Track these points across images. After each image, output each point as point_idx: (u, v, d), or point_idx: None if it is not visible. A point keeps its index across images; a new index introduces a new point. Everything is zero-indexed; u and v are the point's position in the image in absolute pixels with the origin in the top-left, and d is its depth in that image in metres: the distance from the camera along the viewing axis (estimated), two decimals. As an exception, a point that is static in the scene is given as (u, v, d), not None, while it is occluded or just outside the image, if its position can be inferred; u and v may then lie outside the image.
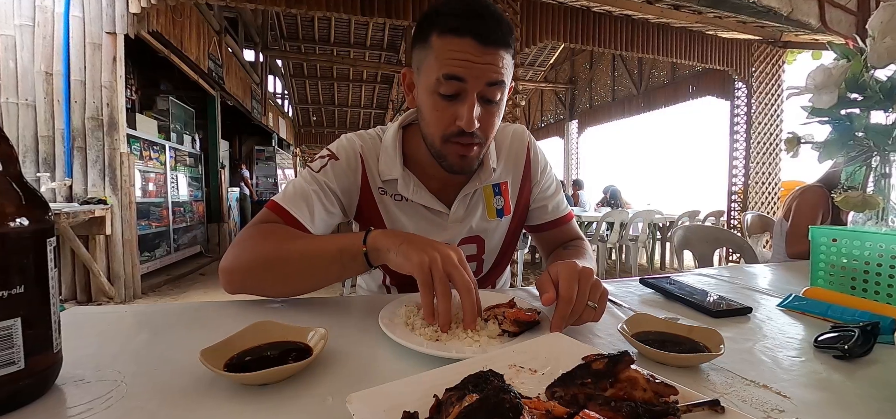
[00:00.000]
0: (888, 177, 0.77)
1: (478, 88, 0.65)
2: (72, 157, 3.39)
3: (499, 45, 0.65)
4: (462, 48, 0.63)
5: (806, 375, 0.46)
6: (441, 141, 0.70)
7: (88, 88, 3.40)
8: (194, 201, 5.73)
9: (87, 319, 0.60)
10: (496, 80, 0.65)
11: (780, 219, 2.08)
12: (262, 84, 7.89)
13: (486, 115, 0.68)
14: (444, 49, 0.65)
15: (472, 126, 0.66)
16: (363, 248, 0.61)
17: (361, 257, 0.61)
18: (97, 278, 3.41)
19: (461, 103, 0.66)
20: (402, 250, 0.57)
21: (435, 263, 0.53)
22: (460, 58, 0.64)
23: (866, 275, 0.71)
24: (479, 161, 0.77)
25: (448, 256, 0.54)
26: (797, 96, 0.81)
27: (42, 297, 0.37)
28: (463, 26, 0.63)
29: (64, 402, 0.38)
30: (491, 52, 0.64)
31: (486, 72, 0.64)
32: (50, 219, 0.38)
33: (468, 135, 0.67)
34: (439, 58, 0.65)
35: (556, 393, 0.35)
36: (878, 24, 0.71)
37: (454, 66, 0.64)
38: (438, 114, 0.68)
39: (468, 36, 0.63)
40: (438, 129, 0.69)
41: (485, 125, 0.69)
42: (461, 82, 0.65)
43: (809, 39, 5.14)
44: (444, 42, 0.65)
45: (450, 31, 0.64)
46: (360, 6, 4.10)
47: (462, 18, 0.63)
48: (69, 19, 3.32)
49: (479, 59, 0.64)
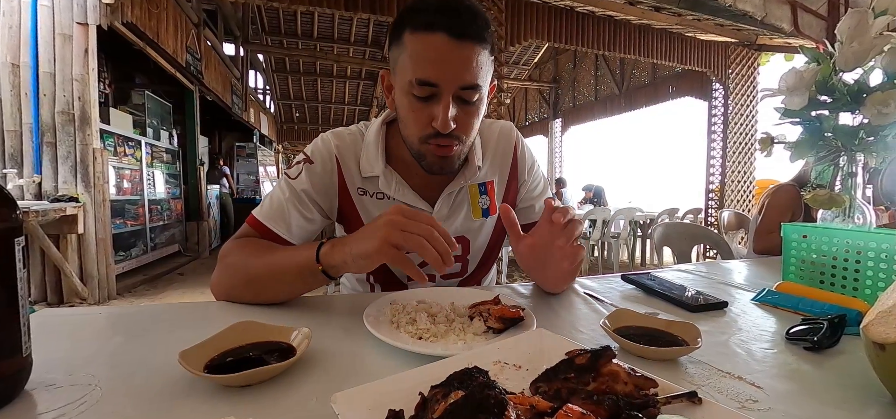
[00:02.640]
0: (854, 176, 0.80)
1: (452, 90, 0.64)
2: (41, 152, 3.25)
3: (474, 40, 0.63)
4: (434, 45, 0.62)
5: (778, 366, 0.47)
6: (419, 142, 0.69)
7: (58, 81, 3.27)
8: (172, 199, 5.57)
9: (59, 322, 0.58)
10: (469, 84, 0.64)
11: (756, 216, 2.14)
12: (242, 79, 7.70)
13: (463, 114, 0.67)
14: (416, 47, 0.63)
15: (448, 128, 0.64)
16: (319, 267, 0.61)
17: (320, 274, 0.62)
18: (69, 279, 3.28)
19: (436, 104, 0.65)
20: (356, 253, 0.57)
21: (390, 236, 0.54)
22: (433, 57, 0.62)
23: (834, 269, 0.74)
24: (461, 160, 0.75)
25: (392, 221, 0.55)
26: (771, 98, 0.84)
27: (10, 299, 0.36)
28: (436, 21, 0.61)
29: (34, 408, 0.36)
30: (464, 46, 0.62)
31: (459, 73, 0.63)
32: (17, 217, 0.37)
33: (445, 136, 0.66)
34: (412, 57, 0.64)
35: (540, 388, 0.36)
36: (846, 29, 0.74)
37: (426, 70, 0.63)
38: (415, 115, 0.67)
39: (441, 31, 0.61)
40: (415, 131, 0.68)
41: (463, 124, 0.68)
42: (434, 87, 0.63)
43: (783, 42, 5.32)
44: (416, 39, 0.63)
45: (422, 28, 0.62)
46: (344, 1, 4.05)
47: (435, 14, 0.62)
48: (37, 8, 3.18)
49: (452, 55, 0.62)
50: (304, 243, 0.67)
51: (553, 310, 0.67)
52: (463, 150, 0.72)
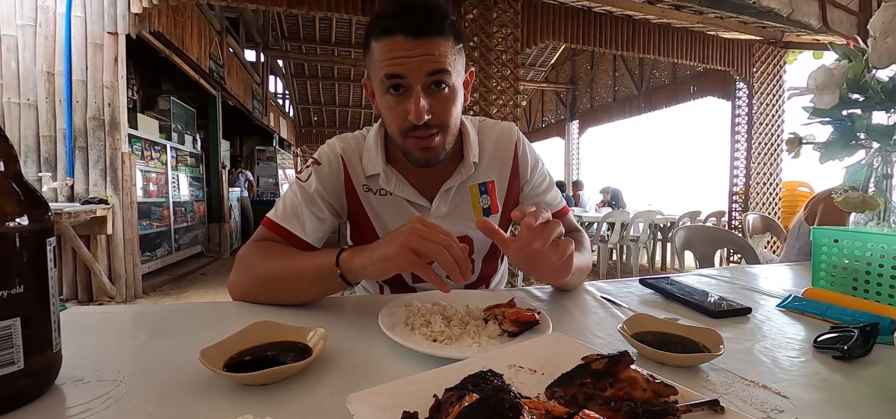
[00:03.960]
0: (889, 177, 0.76)
1: (419, 81, 0.67)
2: (73, 156, 3.39)
3: (432, 34, 0.66)
4: (395, 47, 0.66)
5: (805, 376, 0.46)
6: (401, 137, 0.72)
7: (90, 88, 3.41)
8: (195, 201, 5.74)
9: (87, 319, 0.60)
10: (435, 69, 0.67)
11: (801, 220, 2.04)
12: (263, 84, 7.89)
13: (436, 102, 0.69)
14: (380, 51, 0.67)
15: (422, 118, 0.67)
16: (337, 270, 0.63)
17: (338, 278, 0.63)
18: (98, 278, 3.41)
19: (407, 98, 0.68)
20: (376, 257, 0.59)
21: (410, 241, 0.56)
22: (396, 55, 0.66)
23: (867, 275, 0.71)
24: (446, 150, 0.76)
25: (414, 229, 0.57)
26: (798, 97, 0.81)
27: (41, 297, 0.37)
28: (393, 25, 0.65)
29: (63, 402, 0.38)
30: (423, 42, 0.65)
31: (422, 63, 0.66)
32: (49, 218, 0.38)
33: (422, 127, 0.69)
34: (378, 60, 0.68)
35: (556, 393, 0.35)
36: (880, 24, 0.71)
37: (392, 66, 0.66)
38: (392, 113, 0.71)
39: (398, 33, 0.65)
40: (394, 127, 0.72)
41: (439, 112, 0.70)
42: (402, 79, 0.67)
43: (811, 40, 5.13)
44: (379, 45, 0.67)
45: (382, 33, 0.66)
46: (361, 6, 4.10)
47: (391, 18, 0.66)
48: (71, 19, 3.33)
49: (412, 51, 0.65)
50: (323, 249, 0.69)
51: (569, 313, 0.66)
52: (447, 140, 0.74)
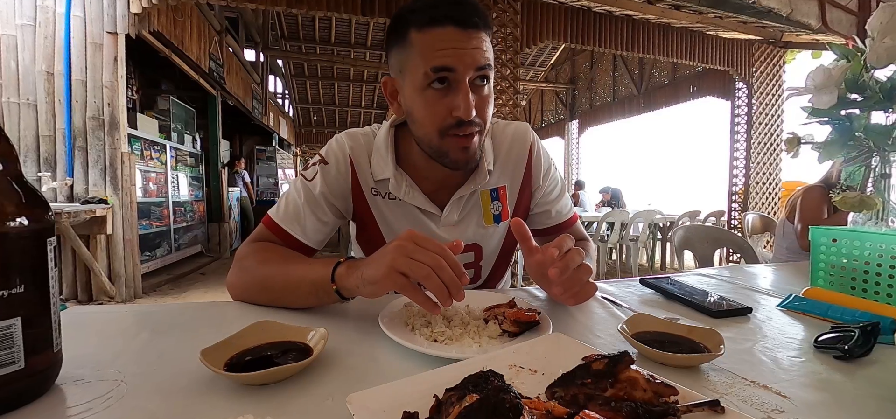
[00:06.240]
0: (888, 177, 0.77)
1: (468, 75, 0.64)
2: (73, 156, 3.39)
3: (479, 28, 0.65)
4: (444, 37, 0.63)
5: (806, 376, 0.46)
6: (439, 137, 0.68)
7: (89, 88, 3.40)
8: (195, 201, 5.73)
9: (88, 319, 0.60)
10: (484, 64, 0.65)
11: (784, 219, 2.10)
12: (262, 84, 7.89)
13: (479, 100, 0.67)
14: (426, 43, 0.64)
15: (471, 113, 0.65)
16: (333, 287, 0.60)
17: (335, 294, 0.60)
18: (98, 277, 3.41)
19: (455, 93, 0.65)
20: (366, 278, 0.55)
21: (396, 262, 0.51)
22: (446, 47, 0.63)
23: (866, 275, 0.71)
24: (480, 152, 0.74)
25: (400, 247, 0.52)
26: (797, 97, 0.81)
27: (42, 297, 0.37)
28: (442, 15, 0.63)
29: (64, 402, 0.38)
30: (473, 35, 0.64)
31: (473, 56, 0.64)
32: (50, 218, 0.38)
33: (467, 124, 0.66)
34: (423, 53, 0.64)
35: (556, 393, 0.35)
36: (878, 24, 0.71)
37: (442, 58, 0.63)
38: (432, 110, 0.66)
39: (448, 24, 0.63)
40: (434, 126, 0.67)
41: (481, 111, 0.68)
42: (452, 72, 0.64)
43: (810, 39, 5.13)
44: (424, 36, 0.64)
45: (429, 23, 0.63)
46: (361, 6, 4.10)
47: (439, 8, 0.63)
48: (70, 19, 3.32)
49: (463, 43, 0.63)
50: (322, 259, 0.67)
51: (569, 314, 0.66)
52: (482, 140, 0.72)
